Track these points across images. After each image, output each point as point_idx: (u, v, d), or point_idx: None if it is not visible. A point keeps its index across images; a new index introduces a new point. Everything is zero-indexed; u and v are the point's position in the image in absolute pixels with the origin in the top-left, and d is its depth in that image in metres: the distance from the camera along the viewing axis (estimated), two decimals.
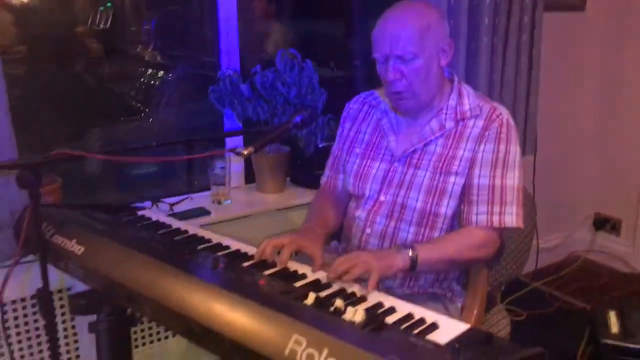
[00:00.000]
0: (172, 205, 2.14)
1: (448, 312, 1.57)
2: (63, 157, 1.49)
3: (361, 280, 1.31)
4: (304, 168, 2.39)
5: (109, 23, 2.80)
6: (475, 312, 1.58)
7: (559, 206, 3.27)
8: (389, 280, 1.54)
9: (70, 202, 1.87)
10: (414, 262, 1.39)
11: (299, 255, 1.52)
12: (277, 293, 1.22)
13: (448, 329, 1.14)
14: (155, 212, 1.91)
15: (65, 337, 1.95)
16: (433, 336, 1.10)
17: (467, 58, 2.48)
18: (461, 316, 1.59)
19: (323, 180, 1.80)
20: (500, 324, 1.76)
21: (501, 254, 1.72)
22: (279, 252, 1.42)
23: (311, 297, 1.20)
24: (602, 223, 3.37)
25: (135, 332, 2.07)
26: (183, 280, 1.24)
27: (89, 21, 2.77)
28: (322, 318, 1.11)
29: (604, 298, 2.89)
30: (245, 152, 1.37)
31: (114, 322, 1.47)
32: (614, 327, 2.04)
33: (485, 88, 2.54)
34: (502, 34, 2.54)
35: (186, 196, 2.25)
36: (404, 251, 1.40)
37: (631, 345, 1.94)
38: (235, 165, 2.37)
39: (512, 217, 1.50)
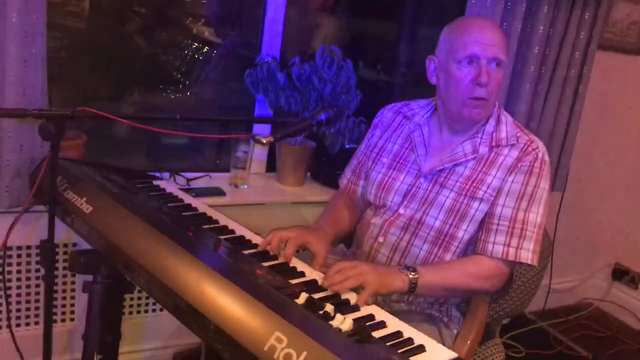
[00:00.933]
0: (189, 180, 2.14)
1: (441, 337, 1.54)
2: (88, 115, 1.50)
3: (357, 290, 1.29)
4: (327, 166, 2.36)
5: None
6: (469, 342, 1.54)
7: (579, 249, 3.19)
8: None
9: (91, 160, 1.89)
10: (413, 285, 1.36)
11: (305, 252, 1.52)
12: (271, 286, 1.21)
13: (434, 354, 1.12)
14: (171, 185, 1.92)
15: (64, 291, 1.97)
16: (417, 358, 1.08)
17: (511, 83, 2.43)
18: (454, 344, 1.56)
19: (343, 182, 1.78)
20: (494, 358, 1.72)
21: (508, 288, 1.68)
22: (285, 245, 1.41)
23: (303, 297, 1.19)
24: (621, 274, 3.27)
25: (128, 300, 2.08)
26: (179, 257, 1.24)
27: None
28: (309, 320, 1.10)
29: (607, 350, 2.81)
30: (264, 141, 1.36)
31: (109, 286, 1.48)
32: None
33: (525, 116, 2.48)
34: (551, 65, 2.48)
35: (205, 174, 2.26)
36: (406, 273, 1.36)
37: None
38: (259, 152, 2.36)
39: (528, 254, 1.46)
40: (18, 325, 1.92)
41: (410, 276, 1.36)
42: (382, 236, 1.57)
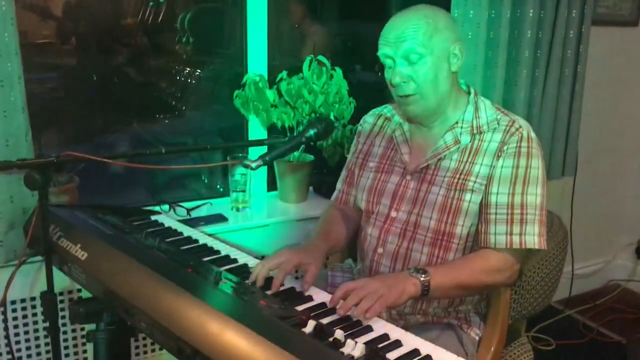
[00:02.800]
0: (189, 210, 2.09)
1: (463, 345, 1.47)
2: (73, 159, 1.46)
3: None
4: (328, 179, 2.30)
5: (159, 18, 2.81)
6: (493, 346, 1.47)
7: (599, 231, 3.10)
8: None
9: (84, 203, 1.85)
10: (426, 288, 1.30)
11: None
12: (276, 317, 1.16)
13: None
14: (170, 217, 1.88)
15: (74, 338, 1.93)
16: None
17: (506, 71, 2.36)
18: (478, 349, 1.49)
19: (334, 195, 1.73)
20: (521, 359, 1.65)
21: (519, 278, 1.61)
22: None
23: (310, 325, 1.13)
24: None
25: (137, 340, 2.03)
26: (179, 298, 1.18)
27: (139, 15, 2.78)
28: (318, 350, 1.04)
29: None
30: (254, 166, 1.30)
31: (113, 332, 1.43)
32: None
33: (525, 103, 2.42)
34: (546, 47, 2.41)
35: (206, 201, 2.21)
36: (416, 276, 1.30)
37: None
38: (257, 173, 2.31)
39: (534, 238, 1.39)
40: None
41: (422, 278, 1.30)
42: (381, 247, 1.51)
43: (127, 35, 2.74)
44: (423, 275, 1.30)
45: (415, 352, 1.11)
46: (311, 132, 1.39)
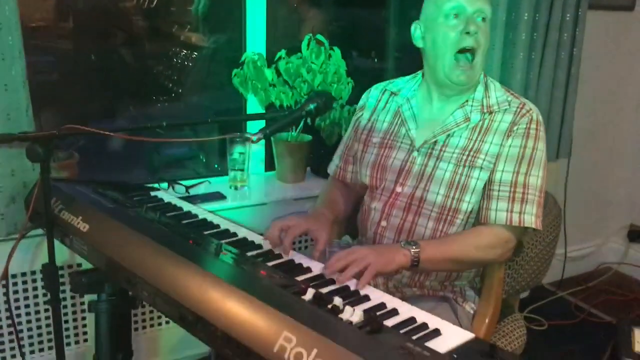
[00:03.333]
0: (188, 187, 2.11)
1: (457, 318, 1.51)
2: (74, 132, 1.47)
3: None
4: (326, 159, 2.29)
5: (154, 2, 2.80)
6: (487, 320, 1.51)
7: (592, 214, 3.14)
8: (397, 276, 1.48)
9: (85, 179, 1.86)
10: (415, 259, 1.33)
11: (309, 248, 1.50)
12: (276, 286, 1.18)
13: (451, 336, 1.08)
14: (170, 194, 1.89)
15: (74, 313, 1.95)
16: (433, 343, 1.05)
17: (503, 53, 2.39)
18: (472, 323, 1.53)
19: (331, 169, 1.76)
20: (515, 334, 1.68)
21: (517, 255, 1.64)
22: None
23: (310, 293, 1.15)
24: (637, 235, 3.22)
25: (136, 315, 2.06)
26: (181, 266, 1.20)
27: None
28: (317, 316, 1.06)
29: (631, 313, 2.77)
30: (254, 138, 1.32)
31: (115, 303, 1.45)
32: (638, 346, 1.92)
33: (521, 85, 2.44)
34: (543, 30, 2.43)
35: (204, 180, 2.23)
36: (407, 247, 1.34)
37: None
38: (256, 152, 2.33)
39: (532, 217, 1.43)
40: (32, 352, 1.91)
41: (412, 250, 1.34)
42: (385, 220, 1.53)
43: (124, 18, 2.75)
44: (414, 247, 1.34)
45: (412, 319, 1.14)
46: (311, 106, 1.41)
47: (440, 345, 1.03)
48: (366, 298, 1.22)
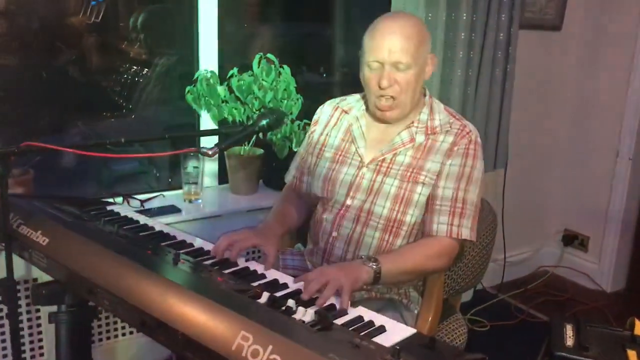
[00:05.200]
0: (143, 201, 2.16)
1: (403, 319, 1.61)
2: (33, 149, 1.51)
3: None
4: (277, 171, 2.39)
5: (100, 17, 2.82)
6: (430, 318, 1.62)
7: (528, 221, 3.33)
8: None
9: (40, 194, 1.89)
10: (377, 275, 1.42)
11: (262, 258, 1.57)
12: (233, 291, 1.26)
13: (395, 332, 1.18)
14: (125, 208, 1.94)
15: (30, 327, 1.97)
16: (379, 339, 1.14)
17: (442, 71, 2.54)
18: (416, 323, 1.64)
19: (288, 179, 1.84)
20: (457, 332, 1.80)
21: (458, 263, 1.77)
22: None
23: (264, 297, 1.24)
24: (571, 239, 3.43)
25: (94, 328, 2.09)
26: (141, 275, 1.27)
27: (81, 14, 2.79)
28: (272, 316, 1.15)
29: (565, 312, 2.95)
30: (211, 153, 1.40)
31: (75, 314, 1.49)
32: (569, 340, 2.07)
33: (460, 100, 2.59)
34: (478, 49, 2.60)
35: (158, 193, 2.28)
36: (368, 264, 1.42)
37: (584, 359, 1.98)
38: (209, 166, 2.40)
39: (468, 231, 1.56)
40: None
41: (374, 267, 1.42)
42: (336, 230, 1.63)
43: (71, 34, 2.76)
44: (374, 264, 1.43)
45: (360, 318, 1.23)
46: (264, 122, 1.49)
47: (385, 339, 1.13)
48: (315, 301, 1.31)
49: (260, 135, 2.30)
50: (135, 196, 2.18)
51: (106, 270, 1.33)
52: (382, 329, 1.19)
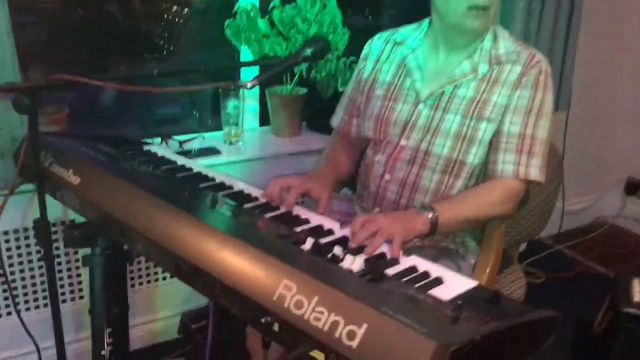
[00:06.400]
0: (182, 142, 2.07)
1: (459, 269, 1.48)
2: (62, 82, 1.41)
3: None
4: (322, 113, 2.24)
5: None
6: (488, 270, 1.50)
7: (589, 168, 3.13)
8: None
9: (75, 133, 1.82)
10: (434, 225, 1.30)
11: (305, 202, 1.47)
12: (274, 236, 1.16)
13: (453, 285, 1.06)
14: (163, 149, 1.85)
15: (69, 269, 1.93)
16: (436, 291, 1.03)
17: (502, 4, 2.32)
18: (473, 274, 1.51)
19: (335, 122, 1.71)
20: (515, 284, 1.68)
21: (524, 207, 1.62)
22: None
23: (309, 243, 1.12)
24: (634, 188, 3.21)
25: (132, 272, 2.04)
26: (176, 217, 1.17)
27: None
28: (317, 264, 1.04)
29: (628, 266, 2.78)
30: (249, 85, 1.28)
31: (109, 257, 1.42)
32: (637, 296, 1.93)
33: (521, 36, 2.38)
34: None
35: (198, 134, 2.18)
36: (424, 214, 1.30)
37: None
38: (250, 106, 2.29)
39: (537, 171, 1.41)
40: (27, 309, 1.89)
41: (430, 216, 1.30)
42: (389, 173, 1.50)
43: None
44: (431, 213, 1.30)
45: (413, 268, 1.12)
46: (308, 51, 1.35)
47: (444, 293, 1.01)
48: (364, 248, 1.19)
49: (304, 73, 2.18)
50: (175, 137, 2.09)
51: (139, 212, 1.24)
52: (438, 281, 1.07)
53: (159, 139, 2.04)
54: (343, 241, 1.21)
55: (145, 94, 2.32)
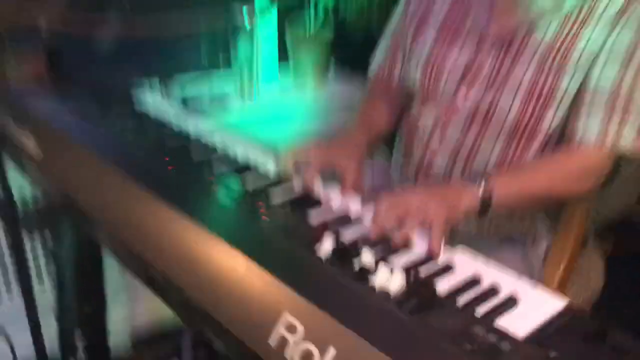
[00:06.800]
0: (184, 86, 1.80)
1: (527, 261, 1.20)
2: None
3: None
4: (353, 60, 1.96)
5: None
6: (562, 264, 1.18)
7: None
8: None
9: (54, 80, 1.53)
10: (486, 201, 1.00)
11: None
12: (279, 234, 0.84)
13: (532, 305, 0.75)
14: (160, 102, 1.55)
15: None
16: (508, 320, 0.71)
17: None
18: (543, 265, 1.21)
19: (373, 68, 1.41)
20: (590, 274, 1.35)
21: (608, 183, 1.29)
22: None
23: (327, 242, 0.81)
24: None
25: None
26: (151, 208, 0.88)
27: None
28: (336, 285, 0.72)
29: None
30: None
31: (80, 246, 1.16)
32: None
33: None
34: None
35: (204, 72, 1.91)
36: (473, 187, 1.00)
37: None
38: (267, 55, 2.00)
39: (630, 140, 1.07)
40: None
41: (481, 190, 1.00)
42: (438, 139, 1.21)
43: None
44: (482, 186, 1.01)
45: (474, 281, 0.80)
46: None
47: (519, 322, 0.71)
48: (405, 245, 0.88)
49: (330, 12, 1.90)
50: (177, 76, 1.81)
51: (108, 199, 0.95)
52: (512, 302, 0.76)
53: (157, 85, 1.75)
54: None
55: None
